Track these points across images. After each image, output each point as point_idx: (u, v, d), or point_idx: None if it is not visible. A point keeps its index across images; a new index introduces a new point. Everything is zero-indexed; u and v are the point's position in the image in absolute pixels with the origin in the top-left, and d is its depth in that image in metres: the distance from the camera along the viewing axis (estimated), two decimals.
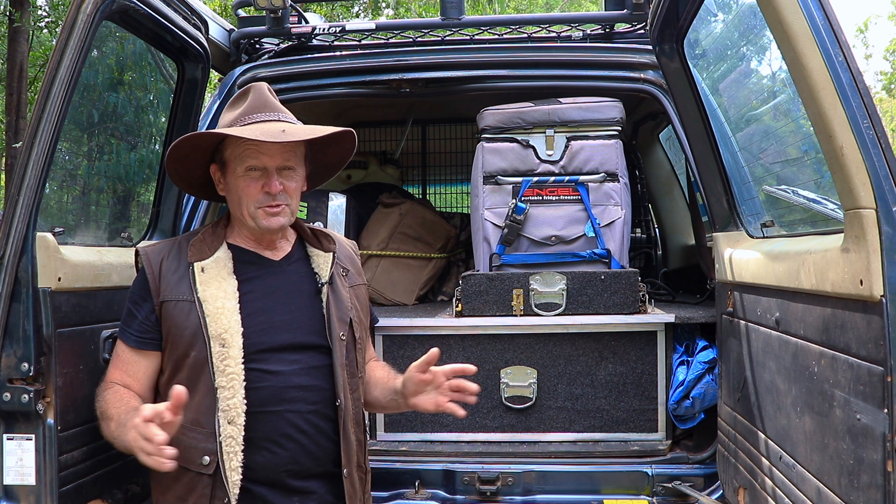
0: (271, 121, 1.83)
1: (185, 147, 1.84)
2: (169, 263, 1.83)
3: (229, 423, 1.73)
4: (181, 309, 1.79)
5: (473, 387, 1.83)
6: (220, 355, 1.75)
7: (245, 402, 1.74)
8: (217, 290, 1.80)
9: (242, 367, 1.76)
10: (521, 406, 2.80)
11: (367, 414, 2.84)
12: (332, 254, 1.99)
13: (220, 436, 1.73)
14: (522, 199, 2.94)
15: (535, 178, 2.96)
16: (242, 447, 1.74)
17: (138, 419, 1.57)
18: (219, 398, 1.74)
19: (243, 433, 1.74)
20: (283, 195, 1.83)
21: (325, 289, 1.92)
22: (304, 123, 1.92)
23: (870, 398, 1.41)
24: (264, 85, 1.91)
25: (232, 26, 3.23)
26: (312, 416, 1.83)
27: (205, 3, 3.95)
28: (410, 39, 3.29)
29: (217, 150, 1.89)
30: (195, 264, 1.82)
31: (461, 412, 1.83)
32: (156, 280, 1.82)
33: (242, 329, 1.78)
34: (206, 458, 1.73)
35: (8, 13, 11.64)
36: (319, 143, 1.91)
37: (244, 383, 1.75)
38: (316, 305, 1.91)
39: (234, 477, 1.73)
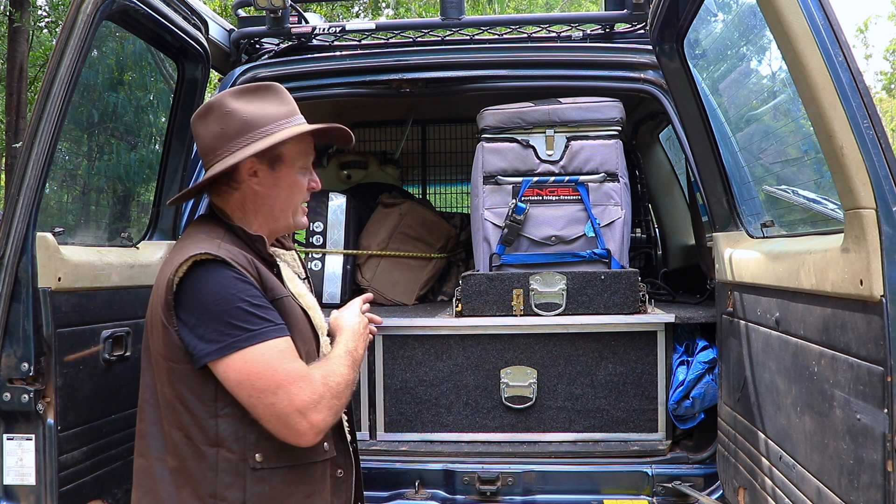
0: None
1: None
2: (257, 264, 1.72)
3: None
4: (289, 304, 1.73)
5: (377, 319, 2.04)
6: (325, 345, 1.80)
7: None
8: (301, 286, 1.84)
9: None
10: (521, 406, 2.80)
11: (366, 414, 2.86)
12: (294, 251, 2.01)
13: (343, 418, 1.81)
14: (522, 199, 2.94)
15: (535, 178, 2.96)
16: (348, 426, 1.86)
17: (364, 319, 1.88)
18: None
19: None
20: None
21: (306, 283, 1.96)
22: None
23: (870, 398, 1.41)
24: None
25: (232, 26, 3.23)
26: None
27: (205, 3, 3.95)
28: (410, 39, 3.29)
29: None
30: (279, 262, 1.81)
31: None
32: (258, 280, 1.69)
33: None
34: (327, 444, 1.74)
35: (8, 13, 11.64)
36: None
37: None
38: None
39: (349, 447, 1.83)
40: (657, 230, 4.40)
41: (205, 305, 1.59)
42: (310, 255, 3.61)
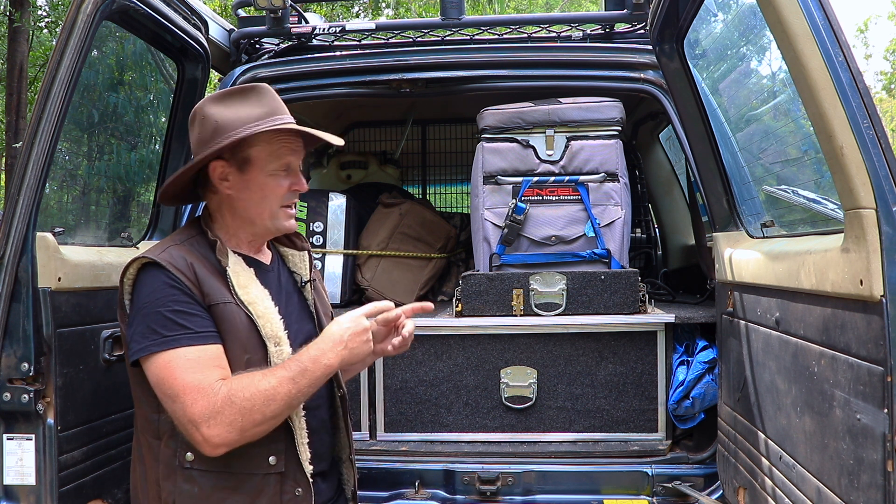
0: (292, 123, 1.80)
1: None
2: (199, 268, 1.72)
3: (295, 415, 1.73)
4: (231, 311, 1.70)
5: (428, 306, 1.95)
6: (277, 354, 1.71)
7: None
8: (258, 292, 1.76)
9: None
10: (521, 406, 2.80)
11: (366, 414, 2.86)
12: (307, 252, 1.99)
13: (295, 429, 1.72)
14: (522, 199, 2.95)
15: (535, 178, 2.96)
16: (307, 438, 1.75)
17: (368, 322, 1.74)
18: None
19: (305, 425, 1.75)
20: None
21: (308, 287, 1.94)
22: (304, 124, 1.92)
23: (870, 398, 1.41)
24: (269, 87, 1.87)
25: (232, 26, 3.23)
26: (320, 410, 1.85)
27: (205, 3, 3.95)
28: (410, 39, 3.29)
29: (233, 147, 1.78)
30: (228, 268, 1.75)
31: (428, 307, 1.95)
32: (196, 285, 1.69)
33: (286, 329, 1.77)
34: (273, 458, 1.71)
35: (8, 13, 11.64)
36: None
37: None
38: (303, 303, 1.92)
39: (308, 467, 1.73)
40: (657, 230, 4.40)
41: (137, 307, 1.67)
42: None
